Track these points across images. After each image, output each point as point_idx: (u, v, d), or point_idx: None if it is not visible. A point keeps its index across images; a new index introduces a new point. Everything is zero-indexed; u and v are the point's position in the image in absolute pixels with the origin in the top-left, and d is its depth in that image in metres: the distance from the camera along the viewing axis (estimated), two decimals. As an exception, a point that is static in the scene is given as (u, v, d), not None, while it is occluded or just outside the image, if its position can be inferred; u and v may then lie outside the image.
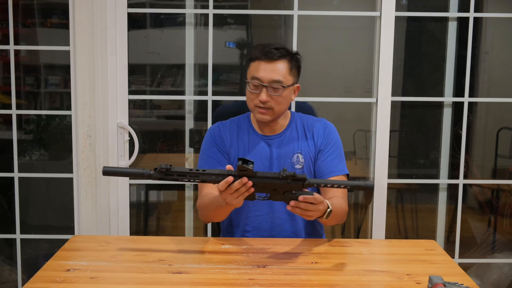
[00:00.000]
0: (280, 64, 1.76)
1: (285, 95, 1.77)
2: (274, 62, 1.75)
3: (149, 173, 1.50)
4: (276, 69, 1.75)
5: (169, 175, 1.50)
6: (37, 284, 1.39)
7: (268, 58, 1.75)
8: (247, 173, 1.48)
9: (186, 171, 1.50)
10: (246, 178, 1.47)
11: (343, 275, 1.48)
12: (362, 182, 1.52)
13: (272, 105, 1.76)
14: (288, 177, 1.49)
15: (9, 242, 2.65)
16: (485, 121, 3.03)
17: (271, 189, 1.51)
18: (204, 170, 1.51)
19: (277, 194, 1.52)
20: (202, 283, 1.41)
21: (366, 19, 2.46)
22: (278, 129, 1.88)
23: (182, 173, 1.50)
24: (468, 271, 2.75)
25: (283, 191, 1.51)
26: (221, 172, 1.51)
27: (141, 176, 1.51)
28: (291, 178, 1.49)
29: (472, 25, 2.41)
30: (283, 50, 1.77)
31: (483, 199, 3.17)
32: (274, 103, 1.76)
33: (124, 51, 2.33)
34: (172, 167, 1.49)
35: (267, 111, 1.77)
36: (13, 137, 2.40)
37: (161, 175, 1.50)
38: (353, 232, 3.17)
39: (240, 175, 1.48)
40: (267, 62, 1.75)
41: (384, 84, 2.37)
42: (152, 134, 2.76)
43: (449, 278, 1.34)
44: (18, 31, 2.59)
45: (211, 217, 1.80)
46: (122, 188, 2.38)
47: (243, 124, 1.91)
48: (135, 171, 1.52)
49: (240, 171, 1.48)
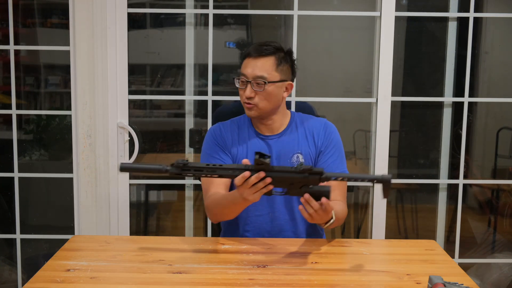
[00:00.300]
0: (266, 60, 1.77)
1: (270, 91, 1.78)
2: (260, 58, 1.77)
3: (166, 169, 1.49)
4: (260, 65, 1.77)
5: (186, 170, 1.49)
6: (37, 284, 1.39)
7: (255, 54, 1.78)
8: (264, 167, 1.47)
9: (203, 166, 1.49)
10: (263, 173, 1.46)
11: (343, 275, 1.48)
12: (380, 175, 1.50)
13: (256, 101, 1.78)
14: (306, 171, 1.48)
15: (9, 242, 2.65)
16: (485, 121, 3.03)
17: (288, 184, 1.50)
18: (221, 165, 1.50)
19: (294, 189, 1.50)
20: (202, 283, 1.41)
21: (366, 19, 2.47)
22: (277, 129, 1.88)
23: (199, 168, 1.49)
24: (468, 271, 2.75)
25: (300, 185, 1.50)
26: (238, 166, 1.50)
27: (158, 172, 1.50)
28: (308, 172, 1.48)
29: (472, 25, 2.41)
30: (271, 47, 1.79)
31: (483, 199, 3.17)
32: (258, 99, 1.78)
33: (124, 51, 2.33)
34: (188, 162, 1.49)
35: (253, 107, 1.79)
36: (13, 137, 2.40)
37: (178, 170, 1.49)
38: (353, 232, 3.17)
39: (257, 169, 1.47)
40: (254, 58, 1.78)
41: (384, 84, 2.37)
42: (152, 134, 2.76)
43: (449, 278, 1.34)
44: (18, 31, 2.59)
45: (225, 214, 1.78)
46: (122, 188, 2.38)
47: (243, 124, 1.91)
48: (152, 167, 1.51)
49: (257, 165, 1.47)
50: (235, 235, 1.89)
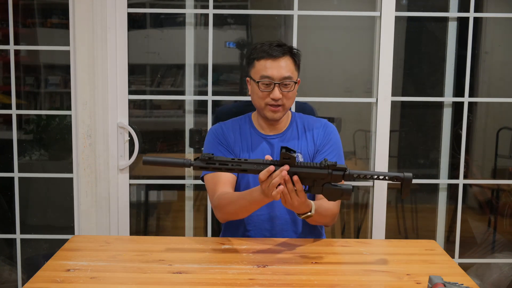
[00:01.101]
0: (286, 59, 1.78)
1: (294, 91, 1.80)
2: (280, 59, 1.76)
3: (190, 163, 1.49)
4: (284, 66, 1.77)
5: (211, 164, 1.49)
6: (37, 284, 1.39)
7: (273, 56, 1.76)
8: (290, 161, 1.46)
9: (228, 160, 1.49)
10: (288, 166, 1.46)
11: (343, 275, 1.48)
12: (401, 173, 1.49)
13: (284, 102, 1.78)
14: (330, 167, 1.48)
15: (9, 242, 2.65)
16: (485, 121, 3.03)
17: (311, 180, 1.49)
18: (246, 160, 1.50)
19: (316, 186, 1.50)
20: (202, 283, 1.41)
21: (366, 19, 2.47)
22: (280, 128, 1.88)
23: (224, 162, 1.49)
24: (468, 271, 2.75)
25: (323, 182, 1.49)
26: (263, 161, 1.50)
27: (182, 166, 1.49)
28: (332, 168, 1.48)
29: (472, 25, 2.41)
30: (286, 47, 1.79)
31: (483, 199, 3.17)
32: (285, 99, 1.78)
33: (124, 51, 2.33)
34: (214, 156, 1.49)
35: (279, 108, 1.78)
36: (13, 137, 2.40)
37: (203, 164, 1.49)
38: (353, 232, 3.17)
39: (282, 163, 1.47)
40: (273, 60, 1.76)
41: (384, 84, 2.37)
42: (152, 134, 2.76)
43: (449, 278, 1.34)
44: (18, 31, 2.59)
45: (238, 213, 1.75)
46: (122, 188, 2.38)
47: (245, 125, 1.91)
48: (176, 161, 1.50)
49: (283, 159, 1.46)
50: (236, 235, 1.88)
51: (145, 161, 1.50)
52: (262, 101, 1.79)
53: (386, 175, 1.50)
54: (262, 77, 1.76)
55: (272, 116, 1.80)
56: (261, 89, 1.77)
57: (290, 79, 1.76)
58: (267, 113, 1.80)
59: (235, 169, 1.49)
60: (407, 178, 1.49)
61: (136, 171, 2.50)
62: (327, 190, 1.50)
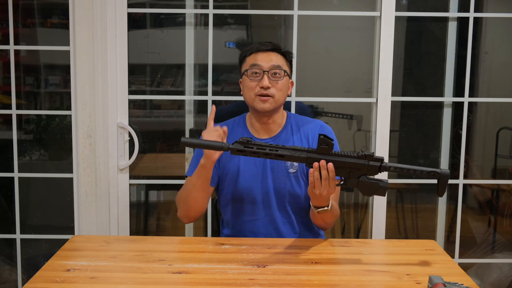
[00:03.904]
0: (276, 54, 1.82)
1: (284, 83, 1.80)
2: (269, 52, 1.81)
3: (228, 146, 1.51)
4: (274, 57, 1.80)
5: (249, 148, 1.50)
6: (37, 284, 1.39)
7: (262, 50, 1.80)
8: (328, 148, 1.45)
9: (266, 145, 1.50)
10: (324, 161, 1.46)
11: (343, 275, 1.48)
12: (439, 169, 1.46)
13: (274, 93, 1.77)
14: (367, 157, 1.45)
15: (9, 242, 2.65)
16: (485, 121, 3.03)
17: (347, 171, 1.47)
18: (284, 146, 1.51)
19: (352, 178, 1.48)
20: (202, 283, 1.41)
21: (366, 19, 2.46)
22: (274, 130, 1.86)
23: (261, 146, 1.50)
24: (468, 271, 2.75)
25: (359, 174, 1.47)
26: (301, 148, 1.50)
27: (220, 148, 1.52)
28: (369, 158, 1.45)
29: (472, 25, 2.41)
30: (276, 44, 1.84)
31: (483, 199, 3.17)
32: (275, 90, 1.77)
33: (124, 51, 2.33)
34: (252, 139, 1.51)
35: (268, 98, 1.77)
36: (13, 137, 2.40)
37: (241, 147, 1.50)
38: (353, 232, 3.17)
39: (319, 150, 1.46)
40: (265, 51, 1.80)
41: (384, 84, 2.37)
42: (152, 134, 2.76)
43: (449, 278, 1.34)
44: (18, 31, 2.59)
45: (188, 202, 1.78)
46: (122, 188, 2.38)
47: (238, 127, 1.90)
48: (213, 144, 1.52)
49: (320, 145, 1.45)
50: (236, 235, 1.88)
51: (183, 141, 1.52)
52: (252, 92, 1.78)
53: (423, 170, 1.47)
54: (252, 66, 1.78)
55: (262, 107, 1.77)
56: (250, 77, 1.78)
57: (280, 68, 1.78)
58: (257, 104, 1.78)
59: (272, 155, 1.49)
60: (444, 174, 1.44)
61: (136, 171, 2.50)
62: (362, 184, 1.48)
